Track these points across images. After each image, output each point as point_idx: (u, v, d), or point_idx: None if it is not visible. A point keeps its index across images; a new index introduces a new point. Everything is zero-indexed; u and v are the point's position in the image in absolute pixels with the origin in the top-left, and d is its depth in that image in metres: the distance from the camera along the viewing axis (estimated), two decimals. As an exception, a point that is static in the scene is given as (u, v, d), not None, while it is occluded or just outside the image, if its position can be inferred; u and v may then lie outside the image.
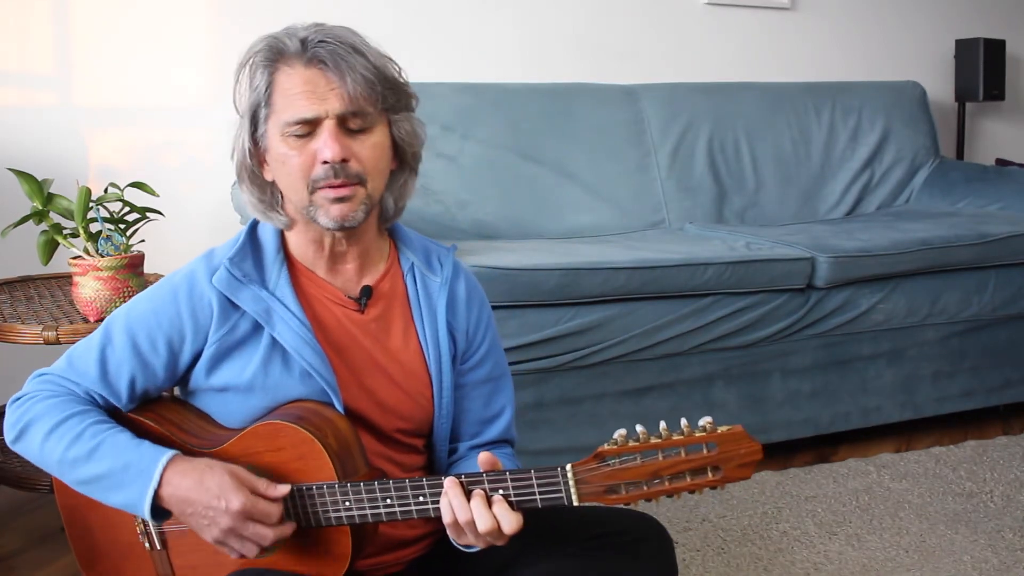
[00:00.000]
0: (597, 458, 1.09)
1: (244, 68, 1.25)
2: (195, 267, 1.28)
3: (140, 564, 1.29)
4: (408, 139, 1.29)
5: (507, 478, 1.12)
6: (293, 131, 1.20)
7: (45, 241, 2.04)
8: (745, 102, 3.35)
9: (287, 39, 1.23)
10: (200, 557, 1.25)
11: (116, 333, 1.25)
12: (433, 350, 1.33)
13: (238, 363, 1.25)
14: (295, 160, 1.21)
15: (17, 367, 2.56)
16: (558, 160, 3.01)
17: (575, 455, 2.39)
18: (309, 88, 1.20)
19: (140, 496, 1.15)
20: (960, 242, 2.76)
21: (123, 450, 1.18)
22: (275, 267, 1.28)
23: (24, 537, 2.21)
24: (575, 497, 1.10)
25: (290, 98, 1.20)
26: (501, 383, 1.42)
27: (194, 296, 1.25)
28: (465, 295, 1.37)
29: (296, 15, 3.25)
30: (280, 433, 1.20)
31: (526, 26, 3.30)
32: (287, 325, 1.24)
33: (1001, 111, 4.21)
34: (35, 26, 2.72)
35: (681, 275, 2.42)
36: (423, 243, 1.39)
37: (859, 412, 2.74)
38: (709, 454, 1.07)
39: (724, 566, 2.06)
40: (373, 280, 1.33)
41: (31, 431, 1.22)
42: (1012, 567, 2.05)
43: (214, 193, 2.86)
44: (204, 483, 1.15)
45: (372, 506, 1.16)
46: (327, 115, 1.20)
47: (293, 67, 1.22)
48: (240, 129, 1.26)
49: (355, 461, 1.23)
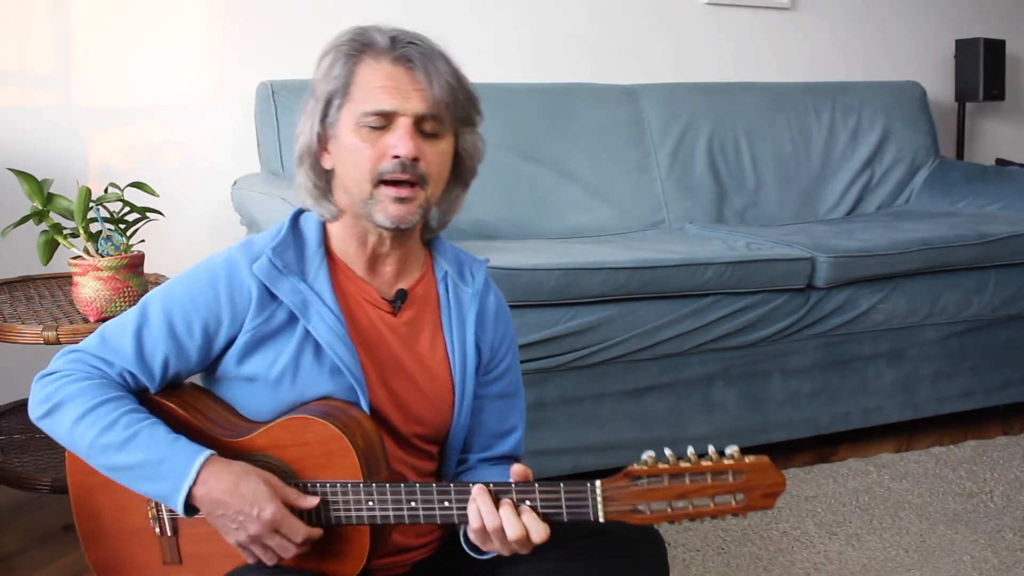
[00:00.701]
0: (626, 477, 1.11)
1: (328, 55, 1.26)
2: (234, 254, 1.28)
3: (146, 548, 1.29)
4: (471, 152, 1.31)
5: (535, 490, 1.13)
6: (369, 122, 1.21)
7: (45, 241, 2.04)
8: (745, 102, 3.35)
9: (377, 34, 1.25)
10: (209, 548, 1.25)
11: (153, 314, 1.25)
12: (459, 358, 1.34)
13: (270, 353, 1.25)
14: (366, 151, 1.22)
15: (17, 367, 2.56)
16: (558, 160, 3.01)
17: (575, 455, 2.41)
18: (392, 83, 1.21)
19: (174, 491, 1.16)
20: (960, 242, 2.76)
21: (159, 444, 1.17)
22: (315, 260, 1.28)
23: (24, 537, 2.21)
24: (602, 514, 1.12)
25: (371, 90, 1.22)
26: (516, 400, 1.43)
27: (234, 282, 1.25)
28: (494, 309, 1.39)
29: (296, 15, 3.26)
30: (308, 427, 1.20)
31: (526, 26, 3.30)
32: (322, 319, 1.25)
33: (1001, 111, 4.21)
34: (35, 26, 2.72)
35: (681, 275, 2.42)
36: (456, 253, 1.40)
37: (859, 412, 2.74)
38: (735, 482, 1.09)
39: (724, 566, 2.06)
40: (408, 284, 1.33)
41: (61, 411, 1.21)
42: (1012, 567, 2.05)
43: (214, 193, 2.86)
44: (239, 488, 1.15)
45: (396, 508, 1.17)
46: (406, 112, 1.21)
47: (379, 61, 1.23)
48: (311, 113, 1.26)
49: (379, 462, 1.23)
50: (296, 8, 2.98)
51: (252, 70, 2.88)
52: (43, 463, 2.18)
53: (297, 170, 1.30)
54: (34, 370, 1.30)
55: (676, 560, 2.05)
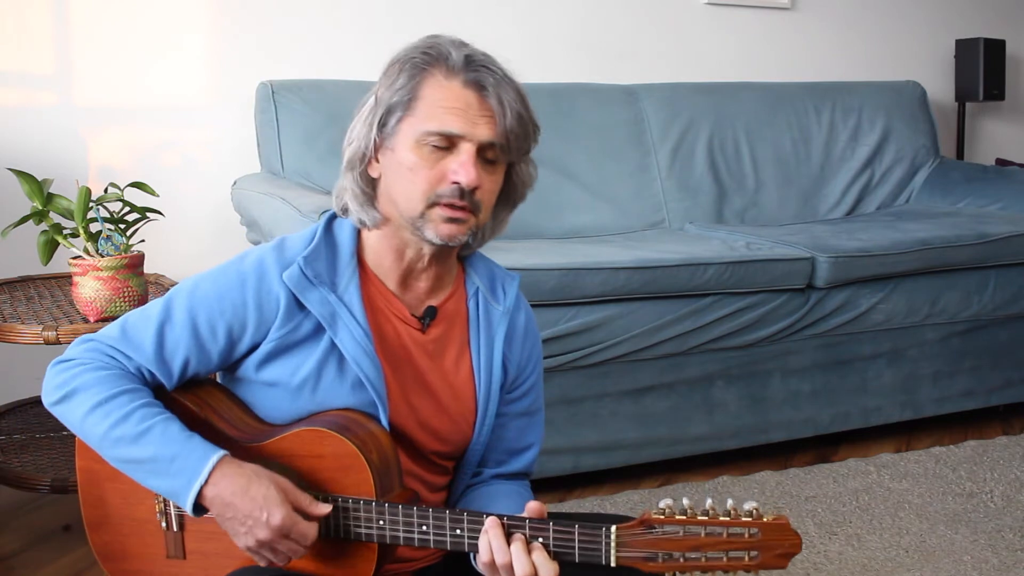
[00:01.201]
0: (642, 524, 1.10)
1: (396, 63, 1.22)
2: (265, 257, 1.25)
3: (150, 540, 1.29)
4: (524, 180, 1.29)
5: (549, 528, 1.12)
6: (432, 141, 1.18)
7: (45, 241, 2.04)
8: (745, 102, 3.35)
9: (452, 49, 1.20)
10: (214, 546, 1.25)
11: (177, 311, 1.23)
12: (485, 377, 1.32)
13: (293, 362, 1.24)
14: (424, 172, 1.18)
15: (17, 367, 2.57)
16: (558, 160, 3.01)
17: (575, 455, 2.41)
18: (462, 106, 1.18)
19: (184, 489, 1.14)
20: (960, 242, 2.76)
21: (173, 441, 1.16)
22: (347, 272, 1.26)
23: (24, 537, 2.21)
24: (613, 559, 1.11)
25: (439, 109, 1.18)
26: (536, 418, 1.42)
27: (262, 288, 1.23)
28: (524, 328, 1.37)
29: (296, 15, 3.26)
30: (324, 441, 1.19)
31: (526, 26, 3.30)
32: (350, 332, 1.22)
33: (1001, 111, 4.21)
34: (35, 26, 2.72)
35: (681, 275, 2.42)
36: (489, 268, 1.38)
37: (859, 412, 2.74)
38: (750, 539, 1.08)
39: (724, 566, 2.06)
40: (439, 300, 1.31)
41: (75, 399, 1.19)
42: (1012, 567, 2.05)
43: (214, 193, 2.86)
44: (249, 491, 1.13)
45: (407, 530, 1.16)
46: (472, 139, 1.18)
47: (450, 80, 1.19)
48: (368, 120, 1.22)
49: (392, 479, 1.22)
50: (296, 8, 2.98)
51: (252, 70, 2.88)
52: (43, 463, 2.17)
53: (345, 173, 1.26)
54: (34, 370, 1.30)
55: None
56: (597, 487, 2.49)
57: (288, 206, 2.18)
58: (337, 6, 3.02)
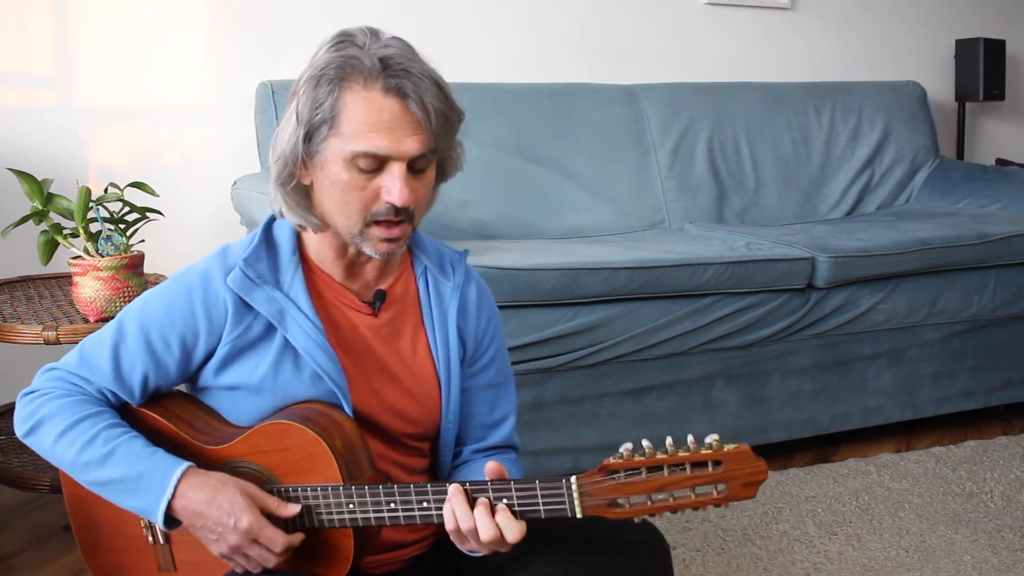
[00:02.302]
0: (602, 471, 1.09)
1: (312, 78, 1.17)
2: (209, 265, 1.26)
3: (142, 556, 1.30)
4: (453, 164, 1.28)
5: (512, 488, 1.12)
6: (360, 164, 1.16)
7: (45, 241, 2.04)
8: (745, 102, 3.35)
9: (364, 56, 1.15)
10: (202, 555, 1.25)
11: (129, 330, 1.25)
12: (443, 354, 1.33)
13: (249, 363, 1.25)
14: (357, 193, 1.18)
15: (17, 367, 2.56)
16: (558, 160, 3.01)
17: (575, 455, 2.41)
18: (386, 122, 1.14)
19: (153, 505, 1.16)
20: (960, 242, 2.76)
21: (137, 458, 1.18)
22: (290, 268, 1.27)
23: (24, 537, 2.21)
24: (579, 509, 1.10)
25: (363, 127, 1.15)
26: (505, 389, 1.42)
27: (209, 295, 1.24)
28: (476, 300, 1.37)
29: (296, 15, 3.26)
30: (287, 433, 1.20)
31: (526, 26, 3.30)
32: (300, 327, 1.24)
33: (1001, 111, 4.21)
34: (35, 26, 2.71)
35: (681, 275, 2.42)
36: (436, 247, 1.38)
37: (859, 412, 2.74)
38: (714, 472, 1.07)
39: (724, 566, 2.06)
40: (387, 284, 1.32)
41: (43, 429, 1.22)
42: (1012, 567, 2.05)
43: (214, 193, 2.86)
44: (216, 500, 1.15)
45: (376, 510, 1.17)
46: (402, 158, 1.16)
47: (369, 91, 1.15)
48: (293, 134, 1.19)
49: (360, 464, 1.23)
50: (296, 8, 2.98)
51: (252, 70, 2.88)
52: (43, 463, 2.17)
53: (276, 187, 1.25)
54: (34, 370, 1.30)
55: (676, 560, 2.05)
56: (597, 487, 2.48)
57: (288, 206, 2.18)
58: (337, 6, 3.02)
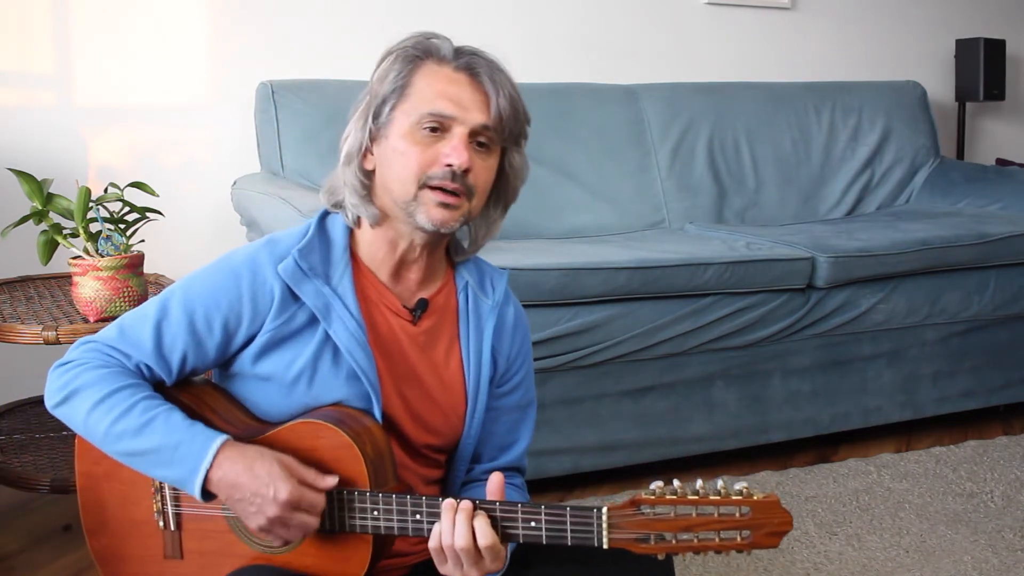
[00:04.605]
0: (633, 505, 1.10)
1: (388, 56, 1.26)
2: (258, 252, 1.26)
3: (148, 542, 1.29)
4: (516, 171, 1.31)
5: (541, 512, 1.13)
6: (425, 123, 1.20)
7: (45, 241, 2.04)
8: (745, 102, 3.35)
9: (440, 42, 1.24)
10: (211, 545, 1.25)
11: (173, 308, 1.24)
12: (474, 369, 1.33)
13: (288, 354, 1.25)
14: (417, 155, 1.20)
15: (17, 367, 2.56)
16: (558, 160, 3.01)
17: (575, 455, 2.41)
18: (454, 89, 1.21)
19: (191, 475, 1.15)
20: (960, 242, 2.76)
21: (175, 429, 1.17)
22: (340, 265, 1.27)
23: (24, 537, 2.21)
24: (606, 540, 1.11)
25: (430, 93, 1.21)
26: (527, 412, 1.43)
27: (257, 281, 1.24)
28: (513, 321, 1.38)
29: (296, 15, 3.26)
30: (319, 433, 1.20)
31: (526, 26, 3.30)
32: (343, 324, 1.24)
33: (1001, 111, 4.22)
34: (35, 26, 2.72)
35: (681, 275, 2.42)
36: (478, 264, 1.39)
37: (859, 412, 2.74)
38: (741, 518, 1.09)
39: (724, 566, 2.06)
40: (429, 294, 1.33)
41: (77, 398, 1.21)
42: (1012, 567, 2.05)
43: (214, 193, 2.86)
44: (254, 470, 1.14)
45: (400, 519, 1.17)
46: (465, 122, 1.21)
47: (442, 66, 1.23)
48: (363, 112, 1.26)
49: (386, 472, 1.23)
50: (296, 8, 2.98)
51: (252, 70, 2.88)
52: (43, 463, 2.17)
53: (343, 168, 1.27)
54: (34, 370, 1.30)
55: (676, 560, 2.05)
56: (597, 487, 2.49)
57: (288, 206, 2.18)
58: (337, 6, 3.02)
